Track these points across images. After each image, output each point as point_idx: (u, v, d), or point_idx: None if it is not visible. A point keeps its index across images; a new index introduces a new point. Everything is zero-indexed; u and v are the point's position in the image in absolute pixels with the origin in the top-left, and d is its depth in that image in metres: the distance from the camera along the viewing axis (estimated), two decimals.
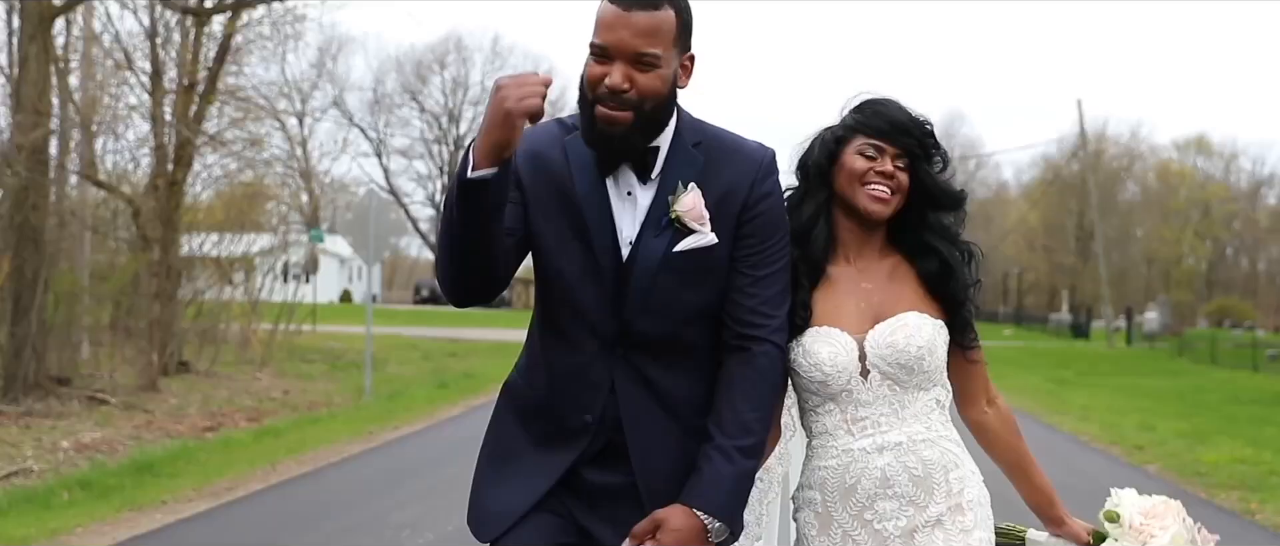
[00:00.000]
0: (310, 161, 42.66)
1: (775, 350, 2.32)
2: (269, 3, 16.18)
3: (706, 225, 2.27)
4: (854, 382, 2.37)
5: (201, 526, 7.03)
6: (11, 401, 11.91)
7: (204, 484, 8.36)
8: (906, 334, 2.37)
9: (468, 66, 57.64)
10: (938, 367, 2.41)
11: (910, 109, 2.47)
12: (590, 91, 2.21)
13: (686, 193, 2.26)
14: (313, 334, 26.35)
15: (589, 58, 2.21)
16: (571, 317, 2.31)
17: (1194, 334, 38.98)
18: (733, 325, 2.31)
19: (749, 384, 2.29)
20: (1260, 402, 16.79)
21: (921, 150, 2.45)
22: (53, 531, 6.60)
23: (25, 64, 13.29)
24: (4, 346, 12.71)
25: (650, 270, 2.26)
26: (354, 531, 6.68)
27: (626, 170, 2.29)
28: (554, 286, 2.33)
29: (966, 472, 2.40)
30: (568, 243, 2.29)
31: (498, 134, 2.09)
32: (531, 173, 2.31)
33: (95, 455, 9.57)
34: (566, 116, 2.38)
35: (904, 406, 2.38)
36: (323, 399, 15.27)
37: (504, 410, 2.45)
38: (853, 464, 2.37)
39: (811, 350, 2.38)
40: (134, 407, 12.79)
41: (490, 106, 2.11)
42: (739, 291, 2.31)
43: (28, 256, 12.88)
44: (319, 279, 37.92)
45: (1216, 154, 65.10)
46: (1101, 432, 12.70)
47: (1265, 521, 7.72)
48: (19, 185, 12.79)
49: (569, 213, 2.28)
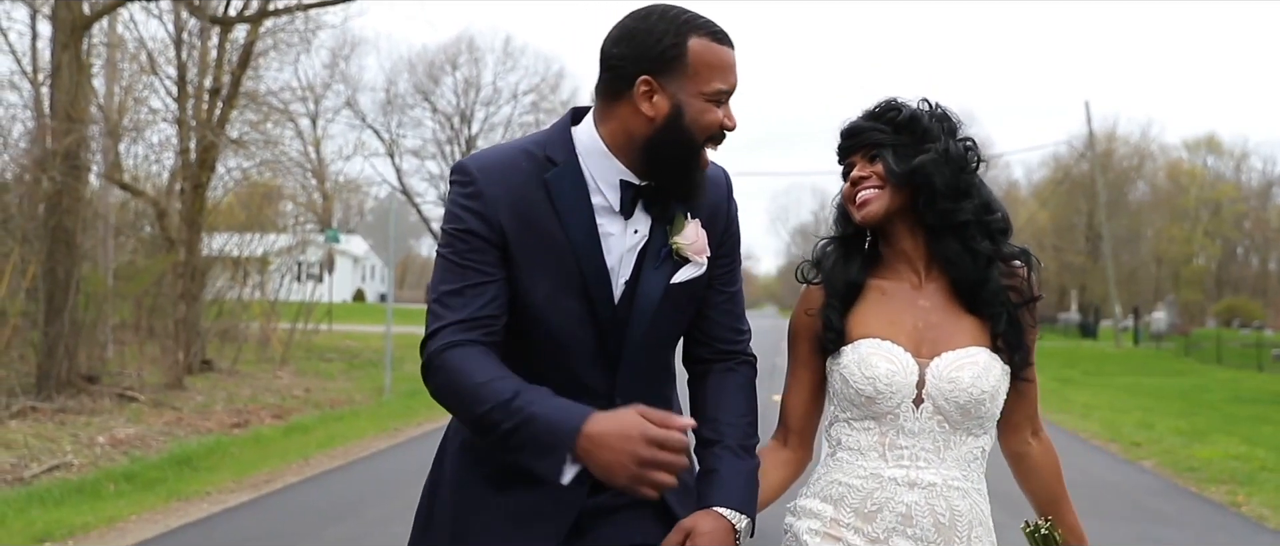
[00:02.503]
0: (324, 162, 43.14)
1: (753, 364, 2.30)
2: (293, 12, 16.55)
3: (704, 256, 2.17)
4: (904, 408, 2.19)
5: (246, 515, 7.41)
6: (45, 398, 12.27)
7: (242, 476, 8.75)
8: (974, 373, 2.18)
9: (480, 67, 57.88)
10: (993, 416, 2.24)
11: (876, 104, 2.30)
12: (702, 137, 2.07)
13: (688, 224, 2.15)
14: (329, 333, 26.72)
15: (702, 104, 2.04)
16: (561, 377, 2.07)
17: (1201, 333, 38.87)
18: (711, 342, 2.26)
19: (739, 392, 2.24)
20: (1261, 402, 17.01)
21: (887, 137, 2.25)
22: (109, 519, 7.01)
23: (58, 71, 13.64)
24: (37, 345, 13.11)
25: (650, 308, 2.12)
26: (391, 520, 6.99)
27: None
28: (540, 345, 2.10)
29: (986, 534, 2.25)
30: (561, 297, 2.07)
31: (612, 482, 1.90)
32: (516, 225, 2.06)
33: (130, 450, 9.91)
34: (529, 144, 2.14)
35: (948, 447, 2.21)
36: (344, 397, 15.60)
37: (467, 475, 2.14)
38: (878, 490, 2.20)
39: (869, 361, 2.20)
40: (162, 404, 13.14)
41: (613, 459, 1.87)
42: (717, 309, 2.24)
43: (61, 258, 13.23)
44: (333, 278, 38.36)
45: (1227, 153, 65.16)
46: (1101, 430, 12.93)
47: (1250, 512, 8.07)
48: (54, 190, 13.20)
49: (561, 265, 2.07)
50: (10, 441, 9.79)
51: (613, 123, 2.09)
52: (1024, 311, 2.25)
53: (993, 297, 2.22)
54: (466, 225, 2.06)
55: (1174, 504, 8.46)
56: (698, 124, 2.05)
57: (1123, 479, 9.66)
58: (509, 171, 2.07)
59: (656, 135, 2.05)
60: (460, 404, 2.01)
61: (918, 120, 2.24)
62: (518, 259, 2.06)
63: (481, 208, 2.05)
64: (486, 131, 57.43)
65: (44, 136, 14.58)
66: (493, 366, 2.00)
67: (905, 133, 2.23)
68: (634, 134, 2.07)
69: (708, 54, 2.04)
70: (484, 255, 2.06)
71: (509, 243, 2.05)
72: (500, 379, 1.97)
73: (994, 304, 2.22)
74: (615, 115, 2.08)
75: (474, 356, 2.00)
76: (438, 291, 2.06)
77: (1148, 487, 9.25)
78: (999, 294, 2.23)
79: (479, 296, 2.05)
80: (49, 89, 14.06)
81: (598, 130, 2.11)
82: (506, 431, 1.93)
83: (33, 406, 11.71)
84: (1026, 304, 2.25)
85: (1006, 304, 2.23)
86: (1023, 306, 2.25)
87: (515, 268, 2.06)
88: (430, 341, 2.04)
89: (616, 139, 2.09)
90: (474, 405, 1.97)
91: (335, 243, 30.39)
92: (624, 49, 2.06)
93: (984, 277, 2.22)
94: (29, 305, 13.23)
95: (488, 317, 2.04)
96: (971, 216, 2.22)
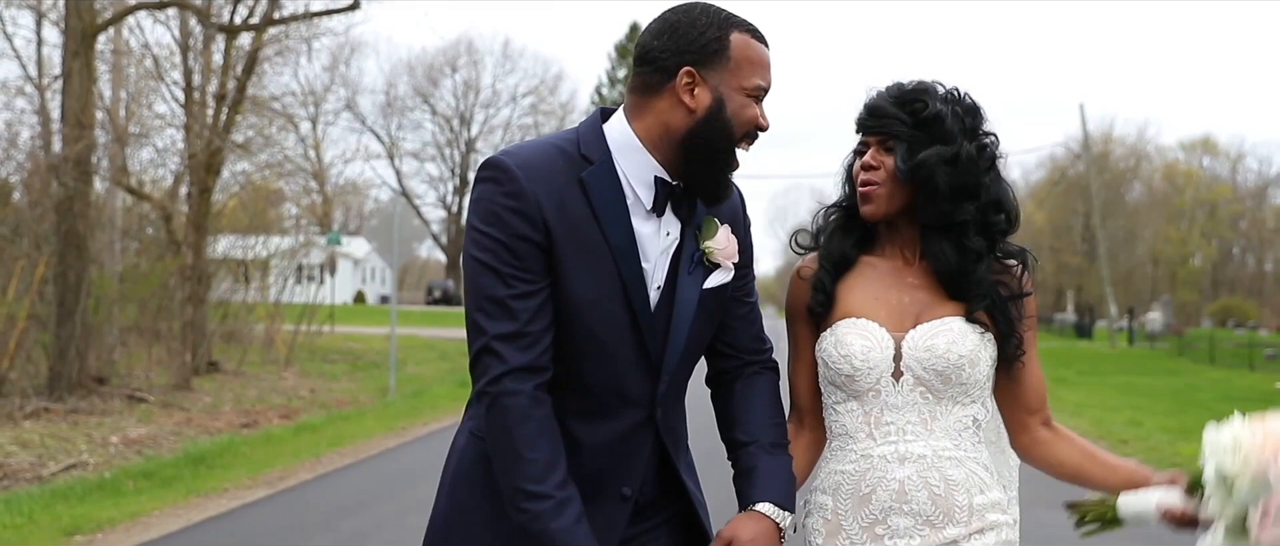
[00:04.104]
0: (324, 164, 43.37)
1: (777, 369, 2.30)
2: (301, 21, 16.81)
3: (733, 261, 2.16)
4: (884, 383, 2.20)
5: (265, 510, 7.69)
6: (57, 399, 12.50)
7: (257, 473, 9.02)
8: (948, 339, 2.18)
9: (479, 69, 58.16)
10: (978, 383, 2.21)
11: (908, 85, 2.26)
12: (740, 133, 2.05)
13: (720, 229, 2.12)
14: (331, 335, 26.95)
15: (743, 99, 2.03)
16: (605, 384, 2.05)
17: (1195, 334, 38.94)
18: (736, 353, 2.25)
19: (767, 397, 2.24)
20: (1251, 400, 17.21)
21: (904, 130, 2.21)
22: (133, 514, 7.28)
23: (69, 78, 13.88)
24: (48, 347, 13.36)
25: (690, 314, 2.09)
26: (409, 511, 7.23)
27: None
28: (585, 351, 2.03)
29: (994, 500, 2.20)
30: (604, 301, 2.02)
31: None
32: (559, 222, 1.98)
33: (144, 449, 10.16)
34: (560, 141, 2.07)
35: (935, 418, 2.19)
36: (348, 397, 15.81)
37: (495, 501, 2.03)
38: (870, 471, 2.19)
39: (844, 340, 2.21)
40: (171, 405, 13.36)
41: None
42: (740, 320, 2.24)
43: (72, 262, 13.44)
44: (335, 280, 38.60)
45: (1223, 154, 65.34)
46: (1091, 428, 13.12)
47: None
48: (65, 195, 13.45)
49: (601, 266, 2.01)
50: (27, 441, 10.04)
51: (649, 117, 2.05)
52: (1012, 304, 2.24)
53: (977, 287, 2.21)
54: (511, 227, 1.97)
55: None
56: (738, 118, 2.03)
57: None
58: (549, 169, 1.99)
59: (697, 128, 2.01)
60: (503, 458, 1.98)
61: (939, 120, 2.20)
62: (563, 260, 1.98)
63: (526, 207, 1.96)
64: (486, 134, 57.76)
65: (49, 141, 14.84)
66: (547, 443, 1.97)
67: (923, 129, 2.20)
68: (672, 127, 2.03)
69: (749, 50, 2.04)
70: (530, 261, 1.97)
71: (554, 243, 1.97)
72: (549, 467, 1.96)
73: (978, 293, 2.21)
74: (652, 110, 2.04)
75: (534, 419, 1.97)
76: (482, 300, 1.98)
77: None
78: (984, 285, 2.22)
79: (528, 312, 1.97)
80: (61, 95, 14.28)
81: (631, 126, 2.06)
82: (524, 520, 1.95)
83: (45, 407, 11.95)
84: (1014, 299, 2.24)
85: (993, 295, 2.22)
86: (1011, 300, 2.24)
87: (560, 269, 1.98)
88: (489, 377, 1.98)
89: (652, 134, 2.04)
90: (513, 471, 1.96)
91: (337, 245, 30.63)
92: (666, 42, 2.03)
93: (967, 271, 2.21)
94: (39, 308, 13.47)
95: (543, 352, 1.98)
96: (970, 216, 2.20)
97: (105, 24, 14.58)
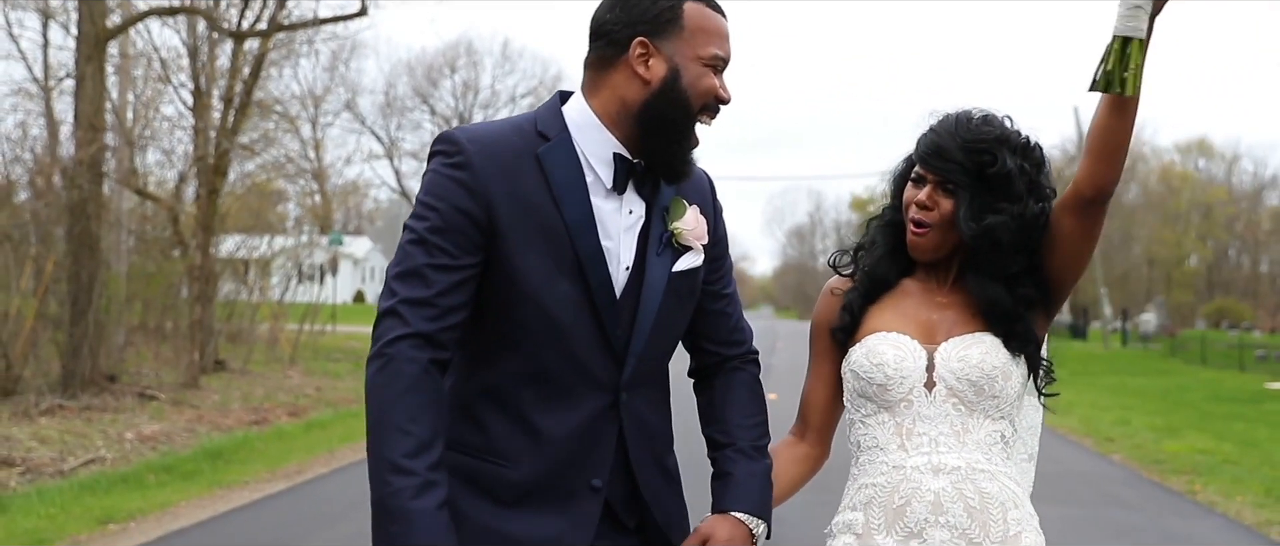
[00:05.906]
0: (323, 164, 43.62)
1: (758, 365, 2.27)
2: (309, 26, 17.09)
3: (701, 244, 2.11)
4: (917, 393, 2.17)
5: (287, 500, 8.01)
6: (71, 397, 12.75)
7: (275, 468, 9.33)
8: (981, 350, 2.17)
9: (478, 70, 58.32)
10: (1009, 397, 2.19)
11: (978, 126, 2.18)
12: (698, 104, 2.01)
13: (688, 210, 2.09)
14: (334, 334, 27.22)
15: (700, 68, 2.00)
16: (565, 367, 1.99)
17: (1188, 335, 39.23)
18: (713, 346, 2.22)
19: (747, 393, 2.21)
20: (1238, 400, 17.51)
21: (969, 182, 2.16)
22: (160, 505, 7.59)
23: (82, 83, 14.17)
24: (61, 345, 13.67)
25: (657, 296, 2.04)
26: None
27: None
28: (539, 332, 1.97)
29: (1026, 515, 2.18)
30: (558, 279, 1.96)
31: None
32: (507, 200, 1.95)
33: (158, 445, 10.42)
34: (521, 121, 2.03)
35: (967, 431, 2.17)
36: (354, 395, 15.93)
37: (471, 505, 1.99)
38: (904, 482, 2.15)
39: (876, 350, 2.20)
40: (181, 403, 13.59)
41: None
42: (716, 312, 2.20)
43: (84, 262, 13.73)
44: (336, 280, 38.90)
45: (1219, 156, 65.67)
46: (1079, 426, 13.43)
47: (1203, 499, 8.72)
48: (79, 198, 13.76)
49: (555, 243, 1.96)
50: (45, 437, 10.32)
51: (605, 92, 2.01)
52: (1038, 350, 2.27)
53: (1024, 336, 2.21)
54: (452, 199, 1.93)
55: (1136, 491, 9.07)
56: (695, 88, 1.99)
57: (1092, 469, 10.26)
58: (500, 145, 1.97)
59: (652, 99, 1.98)
60: (380, 427, 1.88)
61: (1008, 180, 2.15)
62: (510, 238, 1.94)
63: (469, 179, 1.93)
64: None
65: (55, 142, 15.13)
66: (430, 421, 1.89)
67: (989, 184, 2.16)
68: (628, 101, 1.99)
69: (704, 19, 2.00)
70: (462, 236, 1.93)
71: (498, 221, 1.94)
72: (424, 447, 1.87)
73: (1025, 339, 2.21)
74: (608, 84, 2.01)
75: (424, 393, 1.89)
76: (402, 267, 1.94)
77: (1114, 477, 9.84)
78: (1030, 336, 2.21)
79: (442, 284, 1.92)
80: (73, 98, 14.57)
81: (588, 103, 2.03)
82: (383, 493, 1.85)
83: (60, 404, 12.21)
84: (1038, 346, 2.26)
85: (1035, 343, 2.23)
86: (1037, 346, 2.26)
87: (508, 248, 1.94)
88: (388, 338, 1.91)
89: (609, 109, 2.01)
90: (387, 441, 1.86)
91: (339, 245, 30.96)
92: (619, 13, 2.00)
93: (1021, 315, 2.20)
94: (50, 307, 13.76)
95: (447, 327, 1.92)
96: (1022, 267, 2.19)
97: (118, 29, 14.87)
